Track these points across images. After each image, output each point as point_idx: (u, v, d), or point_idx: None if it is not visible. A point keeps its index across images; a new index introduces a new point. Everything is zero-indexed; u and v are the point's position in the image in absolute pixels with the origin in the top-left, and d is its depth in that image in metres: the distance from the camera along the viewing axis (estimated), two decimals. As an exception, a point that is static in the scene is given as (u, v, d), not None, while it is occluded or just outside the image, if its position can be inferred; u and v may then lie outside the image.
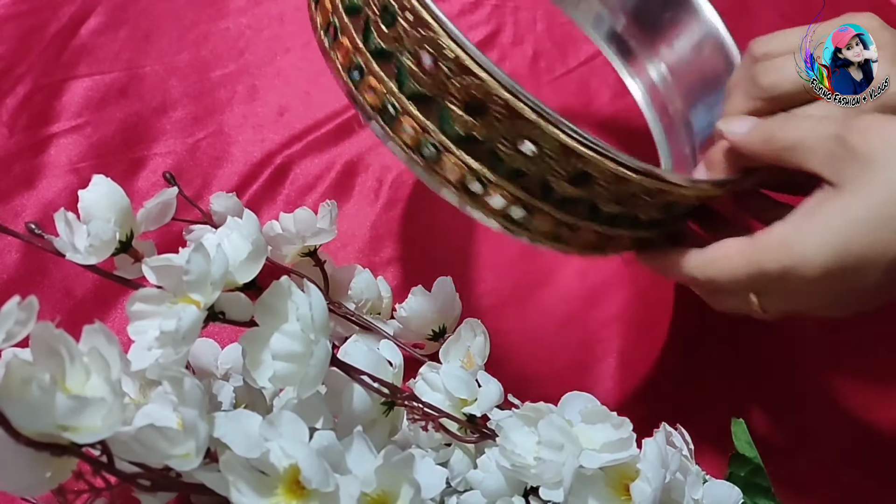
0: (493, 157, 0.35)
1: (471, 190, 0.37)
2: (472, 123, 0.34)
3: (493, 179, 0.36)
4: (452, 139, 0.35)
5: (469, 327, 0.45)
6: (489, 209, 0.37)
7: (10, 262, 0.54)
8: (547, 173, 0.35)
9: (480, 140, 0.35)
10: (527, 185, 0.36)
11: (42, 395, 0.27)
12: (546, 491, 0.37)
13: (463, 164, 0.36)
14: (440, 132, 0.35)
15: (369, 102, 0.38)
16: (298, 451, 0.32)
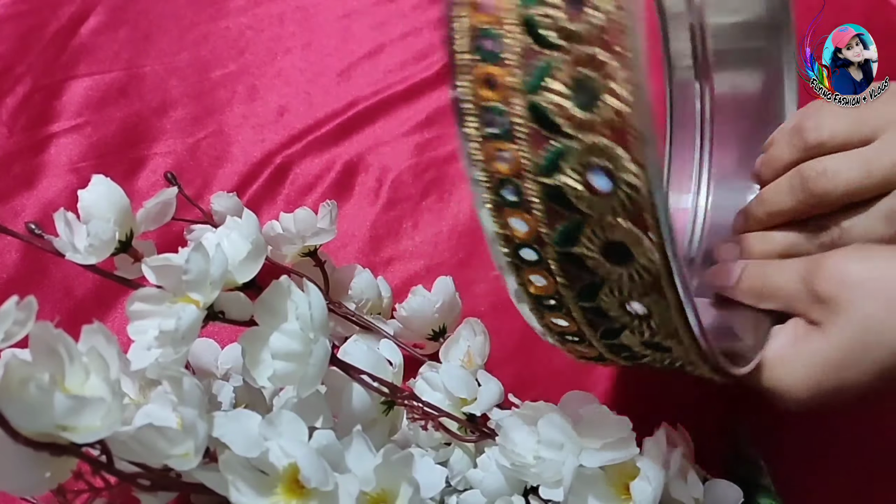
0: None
1: (544, 304, 0.32)
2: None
3: (570, 306, 0.31)
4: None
5: (469, 327, 0.45)
6: (547, 322, 0.33)
7: (10, 261, 0.54)
8: (629, 328, 0.31)
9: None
10: (597, 323, 0.32)
11: (41, 394, 0.27)
12: (546, 490, 0.37)
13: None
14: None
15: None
16: (298, 451, 0.32)
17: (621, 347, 0.33)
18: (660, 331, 0.30)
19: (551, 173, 0.26)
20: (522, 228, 0.29)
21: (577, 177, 0.26)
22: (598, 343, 0.33)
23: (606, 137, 0.25)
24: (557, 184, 0.26)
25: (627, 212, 0.26)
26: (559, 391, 0.40)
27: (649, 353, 0.33)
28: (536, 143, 0.26)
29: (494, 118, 0.27)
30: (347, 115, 0.62)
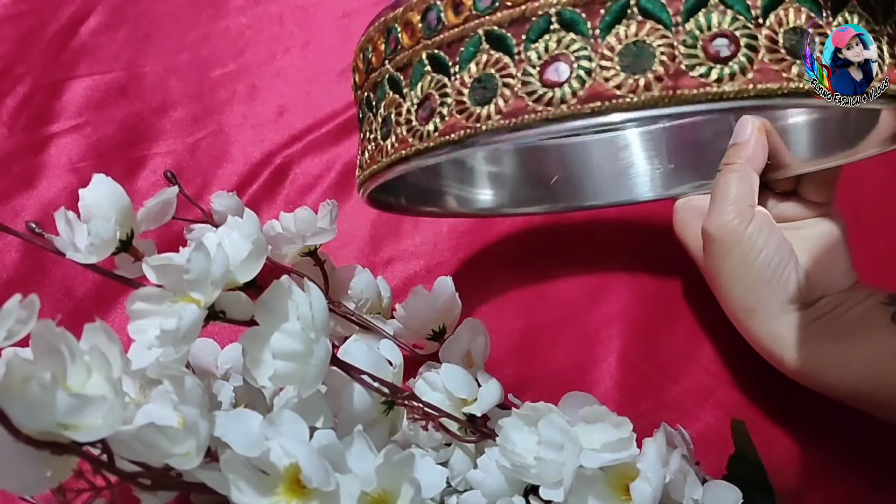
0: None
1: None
2: None
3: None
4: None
5: (469, 327, 0.45)
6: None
7: (10, 261, 0.54)
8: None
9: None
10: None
11: (43, 393, 0.27)
12: (546, 490, 0.37)
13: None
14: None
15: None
16: (299, 450, 0.32)
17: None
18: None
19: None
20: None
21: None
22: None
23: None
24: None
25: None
26: (559, 391, 0.40)
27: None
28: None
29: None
30: (347, 115, 0.62)
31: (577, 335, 0.54)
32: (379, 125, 0.37)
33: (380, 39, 0.36)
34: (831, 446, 0.48)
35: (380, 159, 0.37)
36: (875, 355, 0.41)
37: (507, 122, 0.31)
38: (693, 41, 0.30)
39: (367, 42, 0.37)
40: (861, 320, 0.43)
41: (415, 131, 0.34)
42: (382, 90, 0.36)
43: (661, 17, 0.30)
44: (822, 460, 0.49)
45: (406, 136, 0.35)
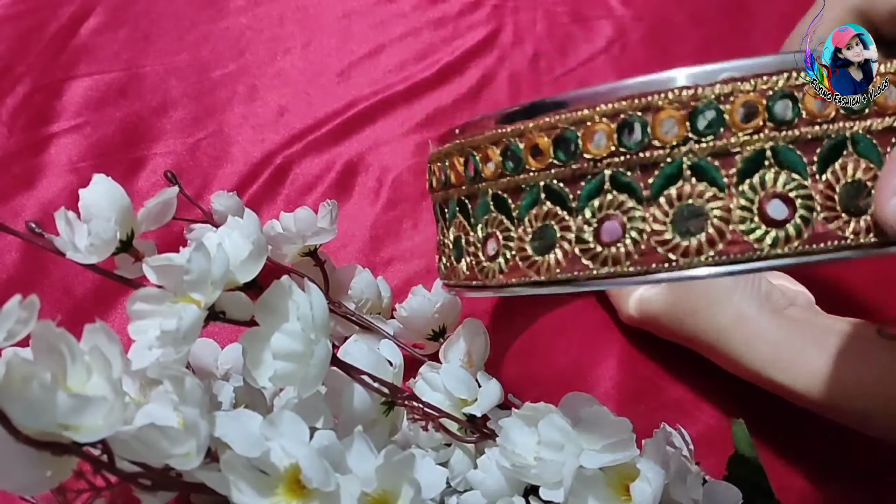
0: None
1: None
2: None
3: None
4: None
5: (469, 327, 0.45)
6: None
7: (10, 261, 0.54)
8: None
9: None
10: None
11: (43, 393, 0.27)
12: (546, 491, 0.37)
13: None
14: None
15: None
16: (299, 451, 0.32)
17: None
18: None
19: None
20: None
21: None
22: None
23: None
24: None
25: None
26: (559, 392, 0.40)
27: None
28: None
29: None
30: (347, 115, 0.62)
31: (577, 335, 0.54)
32: (451, 242, 0.38)
33: (457, 159, 0.36)
34: (833, 445, 0.48)
35: (453, 278, 0.38)
36: (863, 367, 0.41)
37: (565, 275, 0.32)
38: (748, 203, 0.30)
39: (446, 156, 0.37)
40: (843, 330, 0.43)
41: (481, 266, 0.35)
42: (452, 210, 0.37)
43: (715, 179, 0.30)
44: (824, 460, 0.49)
45: (474, 266, 0.36)
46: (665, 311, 0.49)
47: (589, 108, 0.31)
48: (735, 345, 0.45)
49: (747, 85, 0.29)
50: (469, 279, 0.37)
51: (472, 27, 0.68)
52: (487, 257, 0.35)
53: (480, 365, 0.44)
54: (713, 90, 0.29)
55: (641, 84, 0.30)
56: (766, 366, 0.44)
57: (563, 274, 0.32)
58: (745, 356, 0.45)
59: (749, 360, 0.45)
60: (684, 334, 0.49)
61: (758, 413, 0.48)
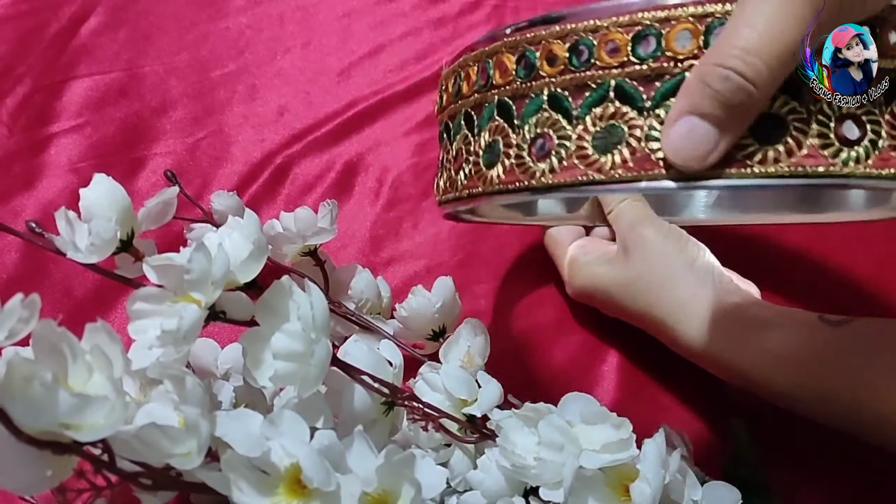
0: None
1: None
2: None
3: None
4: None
5: (469, 327, 0.45)
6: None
7: (10, 261, 0.54)
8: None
9: None
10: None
11: (44, 392, 0.27)
12: (546, 491, 0.37)
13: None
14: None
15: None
16: (300, 451, 0.32)
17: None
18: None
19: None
20: None
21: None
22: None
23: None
24: None
25: None
26: (559, 392, 0.40)
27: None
28: None
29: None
30: (347, 115, 0.62)
31: (577, 335, 0.54)
32: (482, 149, 0.36)
33: (507, 57, 0.34)
34: (832, 445, 0.48)
35: (481, 186, 0.36)
36: (804, 349, 0.43)
37: (630, 174, 0.31)
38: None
39: (487, 56, 0.36)
40: (787, 315, 0.45)
41: (526, 168, 0.34)
42: (490, 112, 0.36)
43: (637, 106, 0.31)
44: (824, 460, 0.49)
45: (516, 170, 0.34)
46: (616, 285, 0.50)
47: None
48: (684, 322, 0.47)
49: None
50: (505, 183, 0.34)
51: (472, 27, 0.68)
52: (535, 157, 0.33)
53: (480, 365, 0.44)
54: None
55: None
56: (711, 344, 0.45)
57: (627, 173, 0.31)
58: (691, 333, 0.46)
59: (695, 338, 0.46)
60: (634, 310, 0.49)
61: (758, 413, 0.48)
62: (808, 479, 0.49)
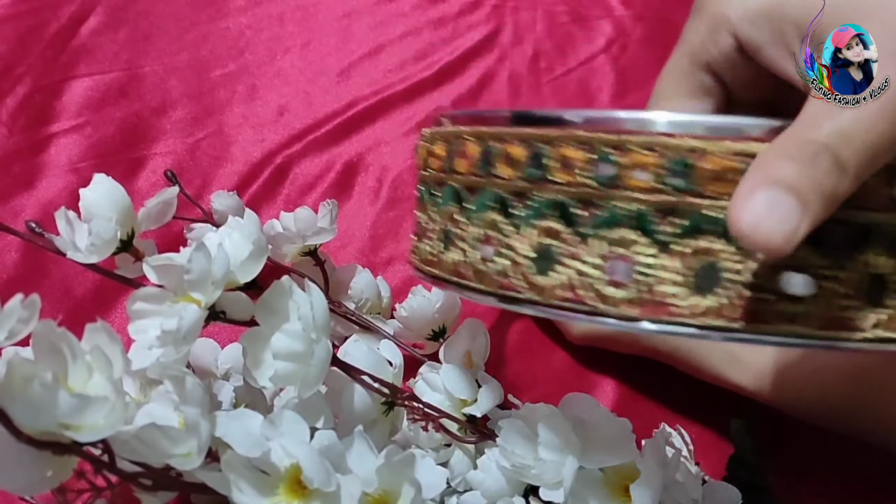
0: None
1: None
2: None
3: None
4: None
5: (469, 327, 0.45)
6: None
7: (10, 261, 0.54)
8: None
9: None
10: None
11: (44, 393, 0.27)
12: (546, 491, 0.37)
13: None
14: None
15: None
16: (300, 451, 0.32)
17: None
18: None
19: None
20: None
21: None
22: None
23: None
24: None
25: None
26: (559, 392, 0.40)
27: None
28: None
29: None
30: (347, 115, 0.62)
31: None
32: (440, 229, 0.35)
33: (470, 146, 0.32)
34: (832, 445, 0.48)
35: (437, 270, 0.35)
36: (804, 363, 0.44)
37: (565, 303, 0.29)
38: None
39: (453, 138, 0.34)
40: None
41: (475, 268, 0.32)
42: (447, 196, 0.34)
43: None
44: (824, 461, 0.49)
45: (464, 263, 0.33)
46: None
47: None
48: (693, 354, 0.48)
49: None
50: (457, 274, 0.33)
51: (472, 27, 0.68)
52: (483, 260, 0.32)
53: (480, 365, 0.44)
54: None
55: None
56: (723, 367, 0.46)
57: (564, 303, 0.30)
58: (704, 363, 0.47)
59: (708, 367, 0.47)
60: (643, 346, 0.50)
61: (758, 413, 0.48)
62: (808, 480, 0.49)
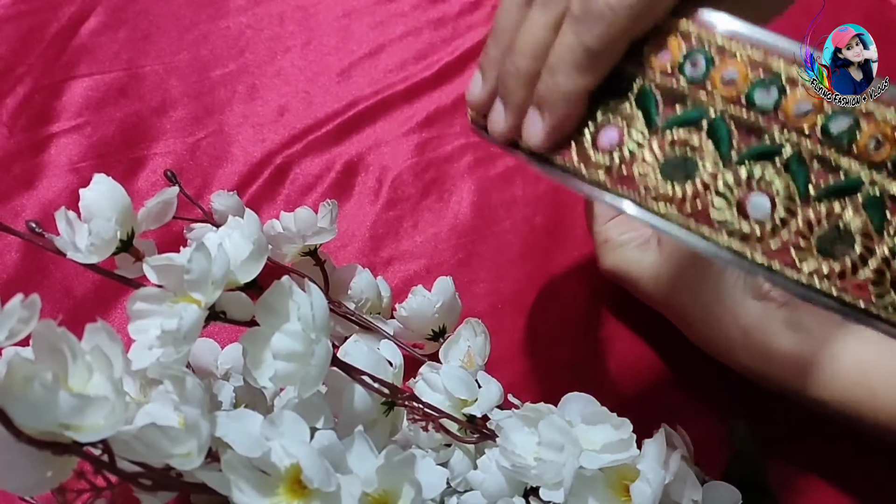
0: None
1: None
2: None
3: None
4: None
5: (469, 327, 0.45)
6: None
7: (10, 261, 0.54)
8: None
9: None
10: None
11: (44, 393, 0.27)
12: (546, 492, 0.37)
13: None
14: None
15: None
16: (300, 451, 0.32)
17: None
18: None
19: None
20: None
21: None
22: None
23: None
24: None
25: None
26: (559, 392, 0.40)
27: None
28: None
29: None
30: (347, 115, 0.62)
31: (578, 335, 0.54)
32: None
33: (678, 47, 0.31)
34: (832, 445, 0.48)
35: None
36: (830, 356, 0.42)
37: (679, 213, 0.29)
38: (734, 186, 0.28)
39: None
40: (815, 316, 0.43)
41: (583, 151, 0.31)
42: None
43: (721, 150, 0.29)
44: (824, 460, 0.49)
45: (573, 149, 0.32)
46: (647, 275, 0.49)
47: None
48: (711, 322, 0.46)
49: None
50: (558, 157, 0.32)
51: (472, 27, 0.68)
52: (600, 148, 0.31)
53: (481, 365, 0.44)
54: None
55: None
56: (735, 348, 0.45)
57: (677, 212, 0.29)
58: (720, 336, 0.46)
59: (723, 340, 0.46)
60: (661, 302, 0.49)
61: (758, 413, 0.48)
62: (808, 480, 0.49)
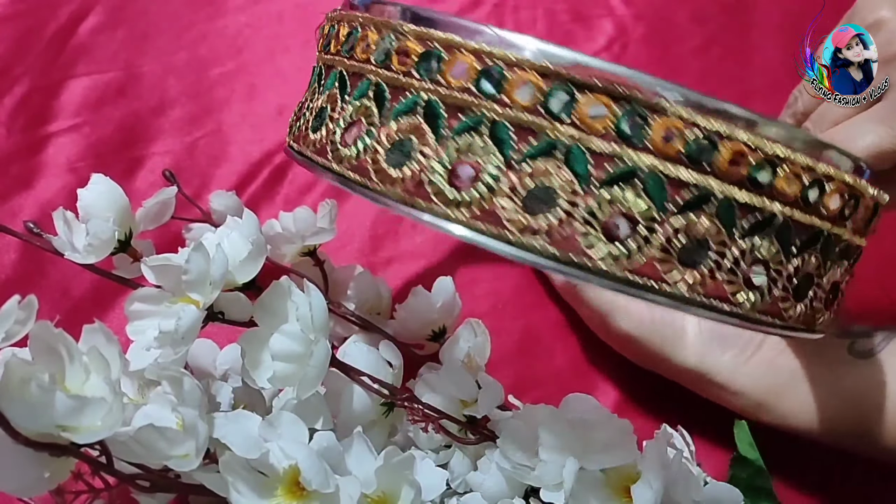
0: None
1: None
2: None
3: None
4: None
5: (469, 328, 0.45)
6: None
7: (8, 262, 0.54)
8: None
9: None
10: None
11: (41, 394, 0.27)
12: (547, 493, 0.37)
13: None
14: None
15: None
16: (298, 452, 0.32)
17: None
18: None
19: None
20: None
21: None
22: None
23: None
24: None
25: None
26: (560, 392, 0.39)
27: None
28: None
29: None
30: (347, 115, 0.62)
31: (578, 335, 0.54)
32: (315, 109, 0.35)
33: (371, 32, 0.33)
34: (831, 447, 0.48)
35: (304, 148, 0.35)
36: (841, 391, 0.44)
37: (404, 196, 0.30)
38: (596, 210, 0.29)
39: (361, 25, 0.35)
40: (814, 358, 0.45)
41: (335, 149, 0.33)
42: (332, 79, 0.35)
43: (579, 171, 0.29)
44: (825, 461, 0.49)
45: (327, 145, 0.33)
46: (642, 342, 0.49)
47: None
48: (715, 391, 0.47)
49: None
50: (319, 154, 0.34)
51: (472, 27, 0.68)
52: (344, 142, 0.32)
53: (481, 366, 0.44)
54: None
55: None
56: (749, 407, 0.46)
57: (403, 194, 0.30)
58: (731, 401, 0.47)
59: (734, 404, 0.47)
60: (663, 371, 0.50)
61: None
62: (809, 481, 0.49)
